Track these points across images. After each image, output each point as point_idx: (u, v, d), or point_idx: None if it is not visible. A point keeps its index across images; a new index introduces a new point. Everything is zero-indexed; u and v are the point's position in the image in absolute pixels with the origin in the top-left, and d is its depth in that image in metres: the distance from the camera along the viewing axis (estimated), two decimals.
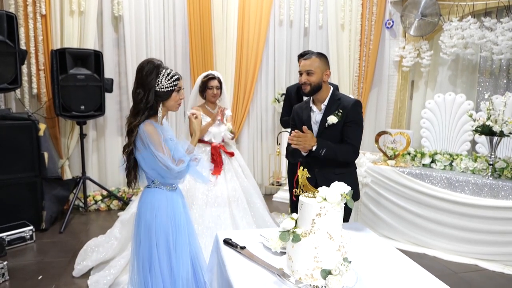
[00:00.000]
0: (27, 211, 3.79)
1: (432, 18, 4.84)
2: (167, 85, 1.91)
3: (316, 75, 2.20)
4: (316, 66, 2.20)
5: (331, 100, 2.27)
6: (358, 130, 2.28)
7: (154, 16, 4.64)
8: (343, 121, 2.22)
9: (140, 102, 1.89)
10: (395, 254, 1.81)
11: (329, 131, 2.25)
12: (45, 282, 2.94)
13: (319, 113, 2.30)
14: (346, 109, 2.22)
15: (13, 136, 3.70)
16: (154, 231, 1.94)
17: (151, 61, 1.93)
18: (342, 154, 2.24)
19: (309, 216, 1.48)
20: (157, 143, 1.87)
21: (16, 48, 3.60)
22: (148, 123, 1.89)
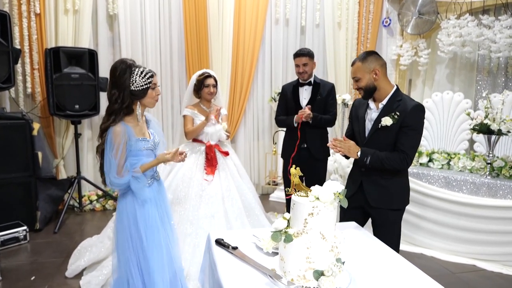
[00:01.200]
0: (21, 211, 3.76)
1: (429, 16, 4.82)
2: (141, 83, 1.95)
3: (363, 79, 2.11)
4: (361, 70, 2.11)
5: (391, 100, 2.12)
6: (414, 137, 2.10)
7: (149, 15, 4.60)
8: (398, 125, 2.06)
9: (115, 102, 1.92)
10: (390, 254, 1.77)
11: (382, 132, 2.11)
12: (38, 283, 2.91)
13: (376, 111, 2.16)
14: (404, 112, 2.05)
15: (6, 136, 3.67)
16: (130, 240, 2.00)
17: (123, 61, 1.96)
18: (389, 163, 2.08)
19: (302, 216, 1.44)
20: (115, 145, 1.91)
21: (10, 47, 3.56)
22: (119, 125, 1.93)
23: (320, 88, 3.30)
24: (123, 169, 1.95)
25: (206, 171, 3.11)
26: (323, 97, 3.30)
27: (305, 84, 3.33)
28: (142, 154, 2.02)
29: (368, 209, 2.24)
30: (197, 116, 3.22)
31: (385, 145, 2.12)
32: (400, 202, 2.22)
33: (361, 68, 2.11)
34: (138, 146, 1.99)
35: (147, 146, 2.05)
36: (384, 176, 2.15)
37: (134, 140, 1.97)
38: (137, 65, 1.97)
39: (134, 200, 2.01)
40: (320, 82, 3.35)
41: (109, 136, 1.92)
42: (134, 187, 1.97)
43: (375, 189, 2.18)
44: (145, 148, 2.03)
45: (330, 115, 3.32)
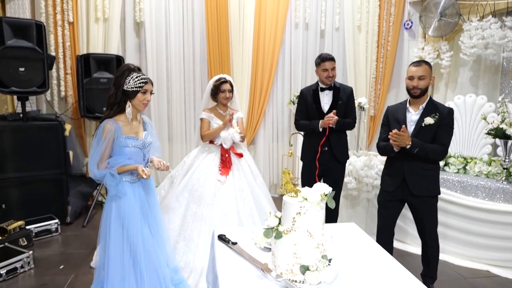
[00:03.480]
0: (53, 205, 4.07)
1: (451, 18, 4.75)
2: (133, 85, 2.21)
3: (426, 80, 2.56)
4: (428, 72, 2.57)
5: (428, 103, 2.62)
6: (450, 133, 2.60)
7: (173, 22, 4.83)
8: (437, 124, 2.54)
9: (110, 97, 2.21)
10: (383, 254, 1.85)
11: (424, 130, 2.58)
12: (66, 271, 3.17)
13: (416, 114, 2.63)
14: (442, 114, 2.56)
15: (41, 136, 3.98)
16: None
17: (127, 65, 2.27)
18: (433, 153, 2.56)
19: (290, 215, 1.55)
20: (101, 139, 2.16)
21: (45, 54, 3.87)
22: (109, 121, 2.19)
23: (340, 92, 3.31)
24: (104, 163, 2.18)
25: (221, 172, 3.25)
26: (344, 101, 3.30)
27: (325, 89, 3.32)
28: (129, 152, 2.24)
29: (410, 199, 2.69)
30: (214, 120, 3.37)
31: (426, 141, 2.57)
32: (437, 189, 2.68)
33: (428, 71, 2.59)
34: (125, 142, 2.23)
35: (135, 144, 2.27)
36: (424, 167, 2.61)
37: (122, 138, 2.21)
38: (137, 71, 2.25)
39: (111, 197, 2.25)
40: (340, 86, 3.35)
41: (99, 129, 2.18)
42: (108, 183, 2.20)
43: (418, 179, 2.62)
44: (133, 145, 2.26)
45: (351, 119, 3.36)
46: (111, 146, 2.20)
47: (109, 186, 2.20)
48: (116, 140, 2.20)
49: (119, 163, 2.21)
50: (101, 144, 2.16)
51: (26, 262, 3.15)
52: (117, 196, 2.22)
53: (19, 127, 3.89)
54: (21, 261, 3.12)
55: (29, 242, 3.57)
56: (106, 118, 2.21)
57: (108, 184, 2.19)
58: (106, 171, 2.18)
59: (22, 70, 3.76)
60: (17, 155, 3.85)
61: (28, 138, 3.90)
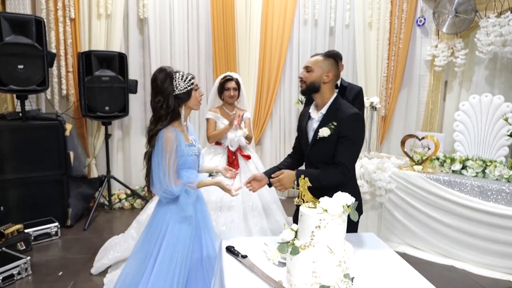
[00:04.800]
0: (54, 208, 3.94)
1: (467, 14, 4.56)
2: (185, 85, 1.98)
3: (314, 73, 2.00)
4: (318, 64, 2.01)
5: (330, 108, 2.03)
6: (352, 148, 1.99)
7: (178, 18, 4.67)
8: (336, 135, 1.97)
9: (161, 108, 1.95)
10: (408, 270, 1.68)
11: (321, 144, 2.02)
12: (65, 278, 3.03)
13: (316, 121, 2.07)
14: (341, 122, 1.96)
15: (41, 136, 3.85)
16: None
17: (162, 69, 2.00)
18: (327, 179, 1.95)
19: (309, 228, 1.39)
20: (168, 151, 1.92)
21: (44, 51, 3.73)
22: (170, 130, 1.94)
23: (346, 92, 3.20)
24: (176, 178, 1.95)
25: None
26: (349, 100, 3.19)
27: None
28: (190, 161, 2.03)
29: None
30: (220, 120, 3.22)
31: (327, 157, 2.02)
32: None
33: (320, 63, 2.01)
34: (187, 151, 2.00)
35: (194, 151, 2.07)
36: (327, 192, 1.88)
37: (184, 145, 1.99)
38: (176, 70, 2.01)
39: (176, 213, 2.02)
40: (348, 86, 3.24)
41: (160, 141, 1.93)
42: (184, 201, 1.99)
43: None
44: (193, 153, 2.05)
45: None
46: (176, 156, 1.94)
47: (185, 206, 1.99)
48: (178, 149, 1.96)
49: (195, 178, 2.01)
50: (167, 157, 1.91)
51: (24, 269, 3.01)
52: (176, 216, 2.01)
53: (18, 126, 3.76)
54: (18, 267, 2.98)
55: (27, 247, 3.44)
56: (161, 129, 1.94)
57: (184, 203, 1.99)
58: (182, 187, 1.96)
59: (21, 67, 3.62)
60: (16, 156, 3.71)
61: (27, 138, 3.77)
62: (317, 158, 2.06)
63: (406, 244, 3.63)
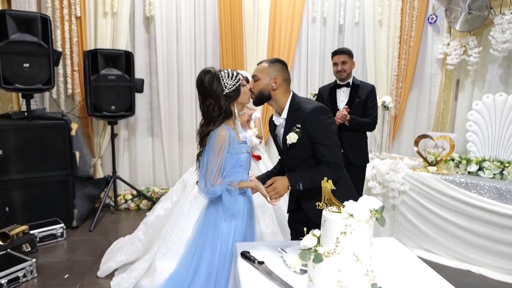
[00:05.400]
0: (59, 208, 3.87)
1: (481, 11, 4.44)
2: (233, 83, 1.92)
3: (261, 81, 1.91)
4: (264, 72, 1.91)
5: (290, 110, 1.90)
6: (329, 142, 1.83)
7: (185, 16, 4.59)
8: (306, 137, 1.84)
9: (213, 111, 1.89)
10: (435, 278, 1.59)
11: (294, 149, 1.89)
12: (71, 281, 2.96)
13: (281, 127, 1.95)
14: (304, 122, 1.83)
15: (46, 135, 3.79)
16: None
17: (207, 71, 1.94)
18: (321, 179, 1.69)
19: (333, 234, 1.30)
20: (217, 150, 1.87)
21: (50, 50, 3.66)
22: (224, 128, 1.89)
23: (359, 90, 3.14)
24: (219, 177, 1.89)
25: None
26: (362, 99, 3.13)
27: (343, 86, 3.18)
28: (243, 159, 1.97)
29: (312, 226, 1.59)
30: None
31: (302, 161, 1.91)
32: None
33: (265, 69, 1.92)
34: (240, 149, 1.94)
35: (247, 149, 2.01)
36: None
37: (237, 143, 1.93)
38: (219, 69, 1.95)
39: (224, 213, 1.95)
40: (360, 84, 3.18)
41: (212, 139, 1.87)
42: (227, 200, 1.92)
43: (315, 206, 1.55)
44: (246, 151, 1.99)
45: (370, 119, 3.14)
46: (224, 156, 1.89)
47: (230, 205, 1.92)
48: (230, 148, 1.89)
49: (237, 178, 1.94)
50: (216, 155, 1.86)
51: (29, 271, 2.94)
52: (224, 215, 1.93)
53: (24, 126, 3.70)
54: (24, 270, 2.91)
55: (32, 248, 3.37)
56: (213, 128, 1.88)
57: (228, 202, 1.91)
58: (223, 186, 1.90)
59: (26, 66, 3.56)
60: (21, 156, 3.65)
61: (32, 138, 3.71)
62: (294, 163, 1.95)
63: (421, 247, 3.53)
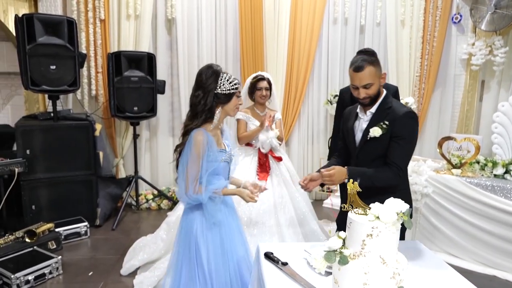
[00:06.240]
0: (83, 207, 3.96)
1: (508, 10, 4.33)
2: (228, 87, 1.91)
3: (375, 85, 1.89)
4: (373, 75, 1.87)
5: (380, 107, 1.94)
6: (406, 147, 1.89)
7: (205, 18, 4.63)
8: (389, 135, 1.88)
9: (198, 104, 1.90)
10: (460, 281, 1.55)
11: (372, 144, 1.92)
12: (95, 279, 3.02)
13: (365, 120, 1.98)
14: (393, 121, 1.87)
15: (72, 136, 3.88)
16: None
17: (210, 66, 1.95)
18: (380, 181, 1.87)
19: (359, 237, 1.29)
20: (195, 154, 1.85)
21: (76, 52, 3.75)
22: (200, 132, 1.87)
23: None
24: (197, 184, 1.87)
25: (259, 177, 3.03)
26: None
27: None
28: (219, 168, 1.95)
29: None
30: (251, 121, 3.15)
31: (376, 157, 1.94)
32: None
33: (374, 72, 1.87)
34: (217, 157, 1.92)
35: (225, 157, 1.98)
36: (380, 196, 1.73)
37: (214, 151, 1.90)
38: (224, 71, 1.96)
39: (204, 220, 1.94)
40: (384, 85, 3.10)
41: (190, 143, 1.86)
42: (210, 208, 1.91)
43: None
44: (223, 159, 1.97)
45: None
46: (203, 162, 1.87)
47: (213, 212, 1.91)
48: (207, 154, 1.88)
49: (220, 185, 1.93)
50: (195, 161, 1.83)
51: (55, 268, 3.02)
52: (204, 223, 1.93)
53: (50, 126, 3.80)
54: (50, 267, 2.99)
55: (58, 246, 3.46)
56: (194, 128, 1.88)
57: (211, 209, 1.91)
58: (206, 194, 1.88)
59: (53, 68, 3.65)
60: (47, 155, 3.76)
61: (58, 138, 3.81)
62: (367, 158, 1.96)
63: (444, 252, 3.46)
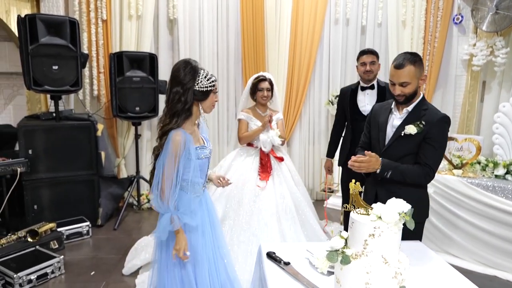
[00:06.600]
0: (85, 207, 3.98)
1: (509, 11, 4.33)
2: (206, 84, 1.85)
3: (412, 85, 1.94)
4: (412, 75, 1.93)
5: (417, 107, 2.01)
6: (439, 150, 2.00)
7: (207, 18, 4.65)
8: (422, 135, 1.96)
9: (178, 101, 1.81)
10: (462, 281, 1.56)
11: (404, 141, 2.00)
12: (97, 278, 3.04)
13: (399, 117, 2.05)
14: (430, 123, 1.96)
15: (74, 136, 3.89)
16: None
17: (188, 61, 1.87)
18: (411, 177, 1.99)
19: (361, 237, 1.30)
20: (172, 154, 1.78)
21: (78, 52, 3.76)
22: (179, 133, 1.80)
23: (386, 93, 3.00)
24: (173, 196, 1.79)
25: (260, 177, 3.04)
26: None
27: (366, 88, 3.08)
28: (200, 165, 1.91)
29: None
30: (252, 121, 3.16)
31: (404, 154, 2.03)
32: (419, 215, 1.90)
33: (414, 72, 1.94)
34: (197, 154, 1.88)
35: (206, 154, 1.95)
36: (402, 186, 1.99)
37: (193, 149, 1.84)
38: (201, 67, 1.90)
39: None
40: (385, 86, 3.06)
41: (168, 144, 1.78)
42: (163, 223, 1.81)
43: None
44: (204, 156, 1.93)
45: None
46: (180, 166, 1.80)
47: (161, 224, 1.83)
48: (186, 153, 1.82)
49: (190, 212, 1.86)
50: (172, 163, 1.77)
51: (57, 267, 3.04)
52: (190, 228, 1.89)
53: (52, 126, 3.81)
54: (52, 266, 3.00)
55: (60, 245, 3.47)
56: (173, 129, 1.80)
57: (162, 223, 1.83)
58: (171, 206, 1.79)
59: (55, 68, 3.67)
60: (49, 155, 3.77)
61: (60, 138, 3.82)
62: (395, 155, 2.03)
63: (445, 252, 3.46)
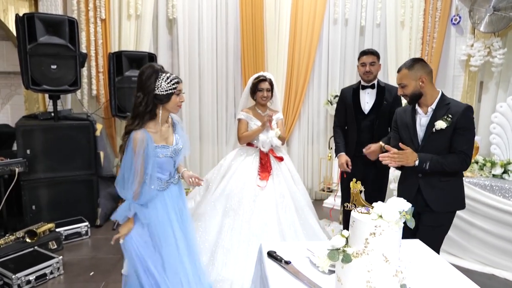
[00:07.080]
0: (84, 207, 3.97)
1: (506, 12, 4.36)
2: (166, 88, 1.94)
3: (409, 86, 2.19)
4: (407, 77, 2.19)
5: (439, 104, 2.21)
6: (471, 137, 2.19)
7: (206, 18, 4.66)
8: (452, 127, 2.14)
9: (139, 105, 1.94)
10: (461, 279, 1.57)
11: (437, 136, 2.18)
12: (96, 278, 3.03)
13: (425, 116, 2.24)
14: (456, 114, 2.14)
15: (72, 136, 3.87)
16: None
17: (151, 65, 1.98)
18: (450, 165, 2.15)
19: (362, 235, 1.31)
20: (132, 151, 1.92)
21: (77, 52, 3.76)
22: (139, 132, 1.92)
23: (385, 92, 3.02)
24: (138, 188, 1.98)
25: (260, 177, 3.04)
26: (389, 102, 3.00)
27: (367, 87, 3.07)
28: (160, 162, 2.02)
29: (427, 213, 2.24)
30: (252, 120, 3.16)
31: (441, 149, 2.18)
32: (459, 204, 2.30)
33: (408, 75, 2.19)
34: (156, 153, 1.99)
35: (166, 153, 2.04)
36: (442, 178, 2.19)
37: (152, 148, 1.96)
38: (165, 70, 1.99)
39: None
40: (385, 86, 3.07)
41: (130, 143, 1.92)
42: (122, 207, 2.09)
43: (436, 192, 2.21)
44: (163, 155, 2.02)
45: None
46: (143, 160, 1.94)
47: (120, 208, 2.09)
48: (146, 151, 1.95)
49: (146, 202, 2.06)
50: (134, 160, 1.91)
51: (56, 268, 3.03)
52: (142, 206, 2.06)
53: (51, 126, 3.80)
54: (51, 267, 3.00)
55: (58, 246, 3.46)
56: (135, 130, 1.93)
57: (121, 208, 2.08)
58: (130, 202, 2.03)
59: (54, 67, 3.66)
60: (47, 155, 3.76)
61: (59, 138, 3.81)
62: (431, 150, 2.18)
63: (443, 250, 3.44)
